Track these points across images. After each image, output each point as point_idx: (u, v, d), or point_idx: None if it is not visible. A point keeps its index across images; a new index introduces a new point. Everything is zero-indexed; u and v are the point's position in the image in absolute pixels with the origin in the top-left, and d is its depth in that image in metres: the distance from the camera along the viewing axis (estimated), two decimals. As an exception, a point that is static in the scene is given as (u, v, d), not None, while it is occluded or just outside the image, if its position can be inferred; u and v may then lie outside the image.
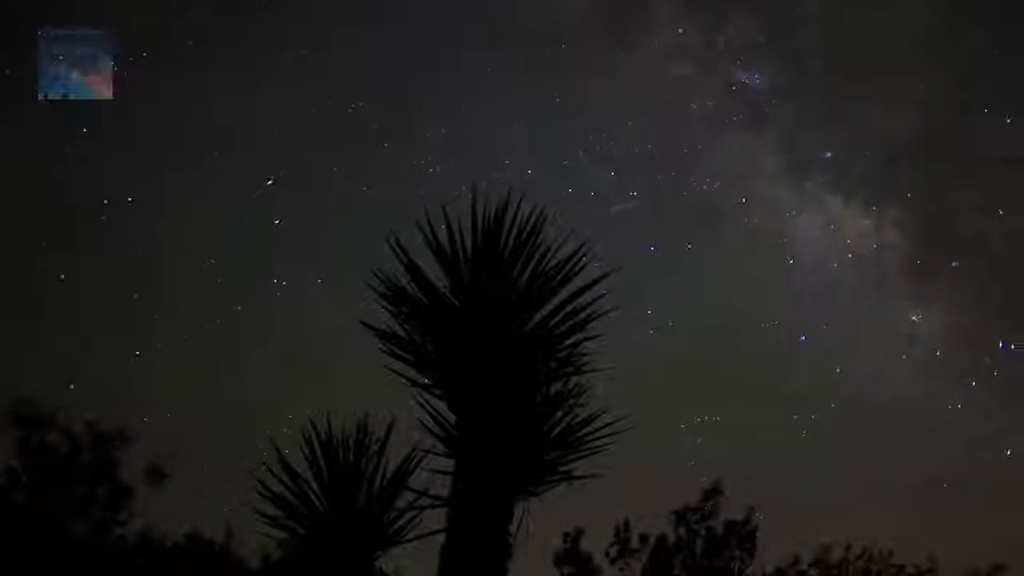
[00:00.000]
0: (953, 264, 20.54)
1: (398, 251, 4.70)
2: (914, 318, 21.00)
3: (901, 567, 17.67)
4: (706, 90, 21.51)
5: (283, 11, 19.30)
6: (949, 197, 21.36)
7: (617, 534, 17.64)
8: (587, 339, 4.74)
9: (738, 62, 20.49)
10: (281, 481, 5.39)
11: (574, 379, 4.73)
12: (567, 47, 20.03)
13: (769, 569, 17.66)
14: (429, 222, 4.69)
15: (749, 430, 19.81)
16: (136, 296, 18.97)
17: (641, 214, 20.51)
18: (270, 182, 17.38)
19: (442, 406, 4.70)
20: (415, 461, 5.25)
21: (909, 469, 20.20)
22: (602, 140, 20.85)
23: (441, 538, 4.52)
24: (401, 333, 4.74)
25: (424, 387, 4.70)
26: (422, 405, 4.70)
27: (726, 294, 21.27)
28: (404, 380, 4.72)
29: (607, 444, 4.74)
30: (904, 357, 21.28)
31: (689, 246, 20.69)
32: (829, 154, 20.59)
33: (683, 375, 20.72)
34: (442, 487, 4.64)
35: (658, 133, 20.88)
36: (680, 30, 20.11)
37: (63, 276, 18.26)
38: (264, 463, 5.39)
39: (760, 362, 21.33)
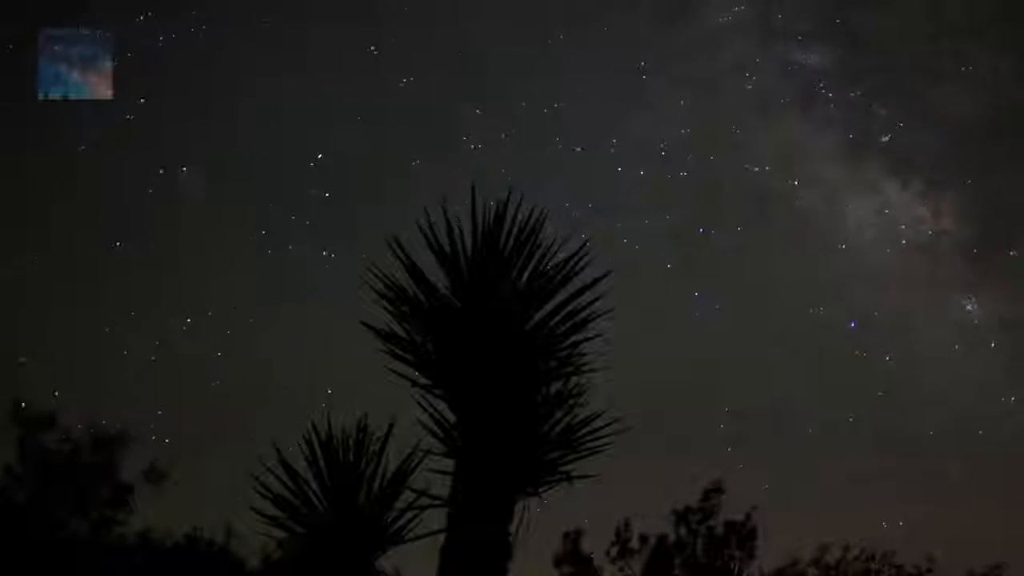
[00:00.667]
0: (1011, 253, 20.13)
1: (398, 251, 4.70)
2: (968, 308, 20.45)
3: (901, 567, 17.67)
4: (761, 69, 20.75)
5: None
6: (1010, 185, 20.79)
7: (617, 534, 17.65)
8: (586, 339, 4.74)
9: (795, 41, 20.03)
10: (281, 481, 5.39)
11: (574, 379, 4.73)
12: (616, 21, 19.53)
13: (769, 569, 17.66)
14: (429, 222, 4.69)
15: (787, 421, 19.46)
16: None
17: (690, 195, 20.10)
18: None
19: (442, 406, 4.70)
20: (415, 461, 5.25)
21: (951, 464, 19.76)
22: (651, 119, 20.35)
23: (441, 538, 4.52)
24: (401, 333, 4.74)
25: (424, 387, 4.70)
26: (422, 405, 4.71)
27: (775, 278, 20.87)
28: (405, 379, 4.73)
29: (607, 444, 4.74)
30: (956, 347, 20.91)
31: (739, 228, 20.31)
32: (887, 137, 20.11)
33: (725, 361, 20.27)
34: (442, 487, 4.65)
35: (709, 112, 20.42)
36: (736, 8, 19.70)
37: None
38: (264, 463, 5.39)
39: (807, 350, 20.99)
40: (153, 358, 18.77)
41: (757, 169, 20.21)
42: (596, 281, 4.72)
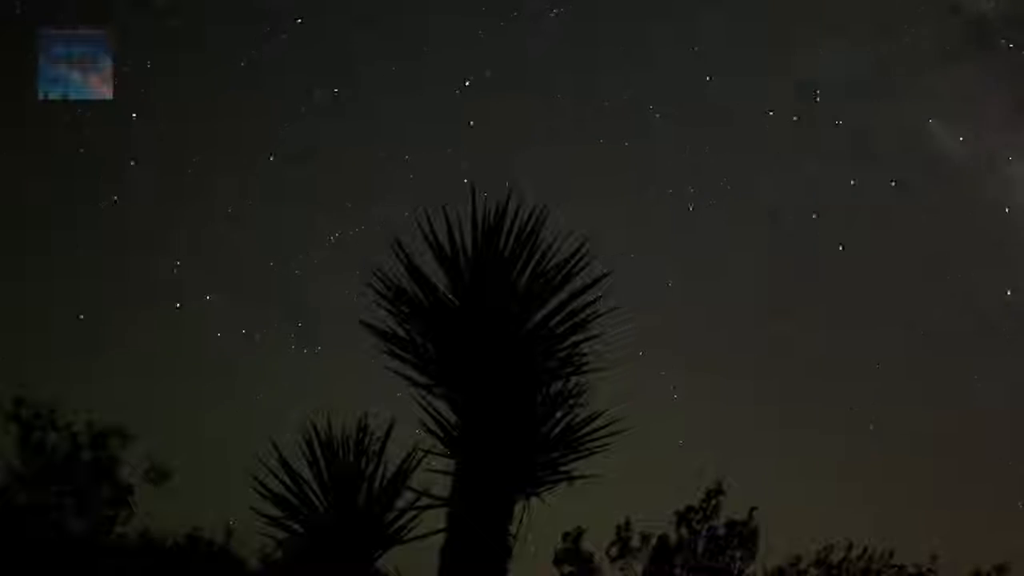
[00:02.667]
0: None
1: (398, 251, 4.69)
2: None
3: (901, 567, 17.65)
4: (928, 14, 19.40)
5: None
6: None
7: (618, 534, 17.64)
8: (586, 340, 4.73)
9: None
10: (281, 481, 5.38)
11: (574, 379, 4.73)
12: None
13: (770, 568, 17.65)
14: (429, 221, 4.68)
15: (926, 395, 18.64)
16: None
17: (843, 145, 19.06)
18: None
19: (442, 406, 4.69)
20: (415, 461, 5.25)
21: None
22: (804, 67, 19.43)
23: (441, 538, 4.52)
24: (401, 333, 4.73)
25: (424, 387, 4.70)
26: (422, 405, 4.70)
27: (928, 239, 19.81)
28: (405, 380, 4.72)
29: (607, 444, 4.74)
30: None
31: (893, 183, 19.19)
32: (1066, 95, 18.32)
33: (864, 321, 19.48)
34: (442, 487, 4.65)
35: (870, 59, 19.29)
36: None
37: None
38: (264, 463, 5.39)
39: (955, 318, 19.96)
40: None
41: (919, 122, 18.89)
42: (596, 281, 4.72)
